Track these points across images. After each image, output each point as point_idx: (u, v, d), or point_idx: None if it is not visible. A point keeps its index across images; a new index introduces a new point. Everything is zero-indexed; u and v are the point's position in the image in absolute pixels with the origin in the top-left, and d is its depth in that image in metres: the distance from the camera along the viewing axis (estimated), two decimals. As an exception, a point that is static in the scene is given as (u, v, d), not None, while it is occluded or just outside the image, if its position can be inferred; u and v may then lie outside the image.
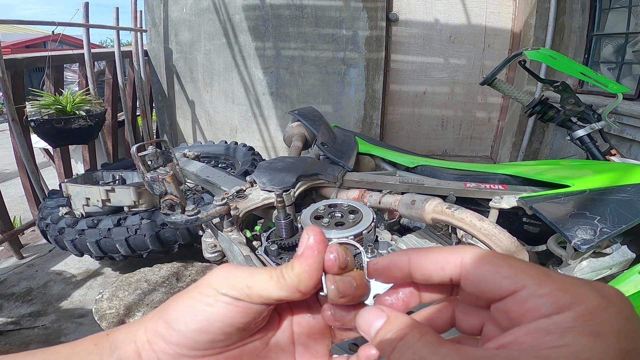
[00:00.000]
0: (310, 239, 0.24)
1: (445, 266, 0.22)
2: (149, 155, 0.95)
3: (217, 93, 2.95)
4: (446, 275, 0.22)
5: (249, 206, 1.06)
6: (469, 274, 0.21)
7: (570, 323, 0.17)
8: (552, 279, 0.19)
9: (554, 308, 0.18)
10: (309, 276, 0.23)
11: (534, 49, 1.45)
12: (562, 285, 0.18)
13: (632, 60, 2.04)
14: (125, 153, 3.01)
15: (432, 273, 0.22)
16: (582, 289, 0.18)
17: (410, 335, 0.20)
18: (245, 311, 0.23)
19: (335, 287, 0.23)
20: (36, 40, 9.64)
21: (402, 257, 0.23)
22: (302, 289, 0.23)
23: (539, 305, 0.18)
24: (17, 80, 1.99)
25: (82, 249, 1.58)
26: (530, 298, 0.18)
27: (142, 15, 2.98)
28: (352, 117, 2.82)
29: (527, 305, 0.18)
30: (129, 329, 0.25)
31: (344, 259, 0.24)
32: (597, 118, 1.42)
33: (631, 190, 0.93)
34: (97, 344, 0.24)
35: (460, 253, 0.21)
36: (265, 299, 0.23)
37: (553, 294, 0.18)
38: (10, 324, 1.51)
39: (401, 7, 2.67)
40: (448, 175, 1.29)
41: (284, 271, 0.23)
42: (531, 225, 1.14)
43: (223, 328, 0.23)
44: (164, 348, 0.23)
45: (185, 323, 0.23)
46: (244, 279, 0.23)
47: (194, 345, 0.23)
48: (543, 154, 2.63)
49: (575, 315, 0.17)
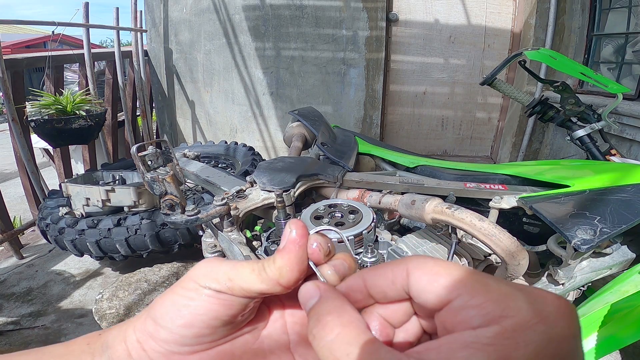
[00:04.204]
0: (292, 233, 0.24)
1: (394, 279, 0.21)
2: (149, 155, 0.95)
3: (217, 93, 2.95)
4: (398, 289, 0.21)
5: (249, 206, 1.06)
6: (413, 284, 0.20)
7: (489, 340, 0.16)
8: (488, 289, 0.18)
9: (482, 321, 0.17)
10: (290, 270, 0.23)
11: (534, 49, 1.45)
12: (497, 296, 0.17)
13: (632, 60, 2.04)
14: (125, 153, 3.01)
15: (385, 289, 0.22)
16: (516, 301, 0.17)
17: (330, 325, 0.20)
18: (228, 304, 0.23)
19: (332, 271, 0.24)
20: (36, 40, 9.64)
21: (357, 280, 0.23)
22: (283, 283, 0.23)
23: (469, 317, 0.17)
24: (17, 80, 1.99)
25: (82, 249, 1.58)
26: (462, 308, 0.18)
27: (142, 15, 2.98)
28: (352, 117, 2.82)
29: (459, 316, 0.18)
30: (119, 329, 0.25)
31: (326, 247, 0.24)
32: (597, 118, 1.42)
33: (631, 190, 0.93)
34: (89, 344, 0.24)
35: (405, 264, 0.21)
36: (247, 292, 0.23)
37: (484, 306, 0.17)
38: (10, 324, 1.51)
39: (401, 7, 2.67)
40: (448, 175, 1.29)
41: (265, 264, 0.23)
42: (531, 225, 1.14)
43: (208, 322, 0.23)
44: (154, 346, 0.23)
45: (170, 319, 0.23)
46: (225, 271, 0.23)
47: (181, 341, 0.23)
48: (543, 154, 2.63)
49: (498, 331, 0.16)
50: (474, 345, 0.16)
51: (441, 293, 0.19)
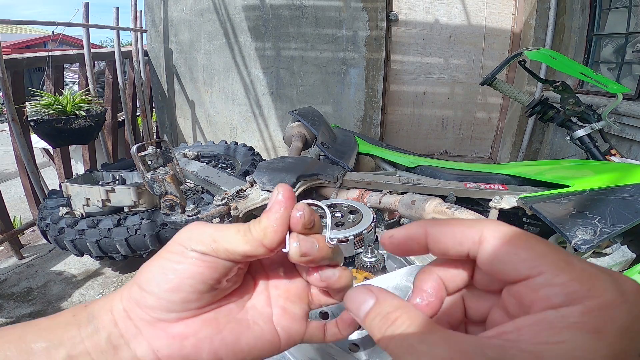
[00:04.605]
0: (279, 195, 0.24)
1: (463, 241, 0.21)
2: (149, 155, 0.95)
3: (217, 93, 2.95)
4: (464, 250, 0.21)
5: (249, 206, 1.06)
6: (486, 251, 0.20)
7: (576, 318, 0.16)
8: (572, 268, 0.18)
9: (565, 299, 0.17)
10: (274, 230, 0.23)
11: (534, 49, 1.45)
12: (581, 275, 0.17)
13: (632, 60, 2.04)
14: (125, 153, 3.01)
15: (449, 247, 0.21)
16: (600, 281, 0.17)
17: (400, 320, 0.20)
18: (213, 266, 0.23)
19: (297, 245, 0.23)
20: (36, 40, 9.64)
21: (419, 229, 0.23)
22: (266, 244, 0.23)
23: (552, 295, 0.17)
24: (17, 80, 1.99)
25: (82, 249, 1.58)
26: (544, 286, 0.18)
27: (142, 15, 2.98)
28: (352, 117, 2.82)
29: (540, 293, 0.18)
30: (106, 299, 0.25)
31: (309, 219, 0.24)
32: (597, 118, 1.42)
33: (631, 190, 0.93)
34: (75, 315, 0.24)
35: (480, 228, 0.20)
36: (232, 253, 0.23)
37: (569, 284, 0.17)
38: (10, 324, 1.51)
39: (401, 7, 2.67)
40: (448, 175, 1.29)
41: (251, 225, 0.23)
42: (531, 225, 1.14)
43: (195, 285, 0.23)
44: (140, 314, 0.23)
45: (157, 284, 0.23)
46: (210, 233, 0.23)
47: (168, 306, 0.23)
48: (543, 154, 2.63)
49: (584, 310, 0.16)
50: (561, 325, 0.16)
51: (521, 267, 0.18)
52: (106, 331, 0.23)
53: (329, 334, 0.28)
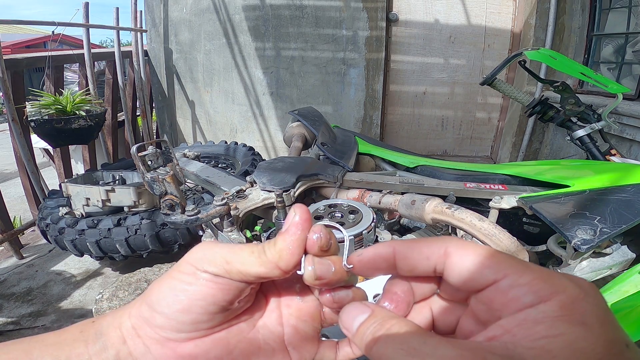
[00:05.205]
0: (295, 217, 0.23)
1: (429, 256, 0.22)
2: (149, 155, 0.95)
3: (217, 93, 2.95)
4: (431, 265, 0.22)
5: (249, 206, 1.06)
6: (452, 263, 0.21)
7: (557, 312, 0.17)
8: (531, 269, 0.19)
9: (535, 297, 0.18)
10: (291, 253, 0.23)
11: (534, 49, 1.45)
12: (541, 275, 0.18)
13: (632, 60, 2.04)
14: (125, 153, 3.01)
15: (416, 264, 0.22)
16: (559, 279, 0.18)
17: (397, 326, 0.20)
18: (225, 288, 0.22)
19: (312, 268, 0.23)
20: (36, 40, 9.64)
21: (387, 248, 0.23)
22: (282, 266, 0.23)
23: (521, 295, 0.18)
24: (17, 80, 1.99)
25: (82, 249, 1.58)
26: (512, 287, 0.18)
27: (142, 15, 2.98)
28: (352, 117, 2.82)
29: (510, 295, 0.18)
30: (114, 316, 0.24)
31: (326, 241, 0.24)
32: (597, 118, 1.42)
33: (631, 190, 0.93)
34: (82, 331, 0.24)
35: (444, 243, 0.21)
36: (245, 275, 0.22)
37: (533, 283, 0.18)
38: (10, 324, 1.51)
39: (401, 7, 2.68)
40: (448, 175, 1.29)
41: (266, 247, 0.23)
42: (531, 225, 1.14)
43: (205, 307, 0.22)
44: (149, 333, 0.23)
45: (167, 304, 0.22)
46: (223, 254, 0.23)
47: (178, 327, 0.22)
48: (543, 154, 2.63)
49: (560, 305, 0.17)
50: (546, 320, 0.17)
51: (486, 272, 0.19)
52: (115, 349, 0.23)
53: (342, 353, 0.27)
